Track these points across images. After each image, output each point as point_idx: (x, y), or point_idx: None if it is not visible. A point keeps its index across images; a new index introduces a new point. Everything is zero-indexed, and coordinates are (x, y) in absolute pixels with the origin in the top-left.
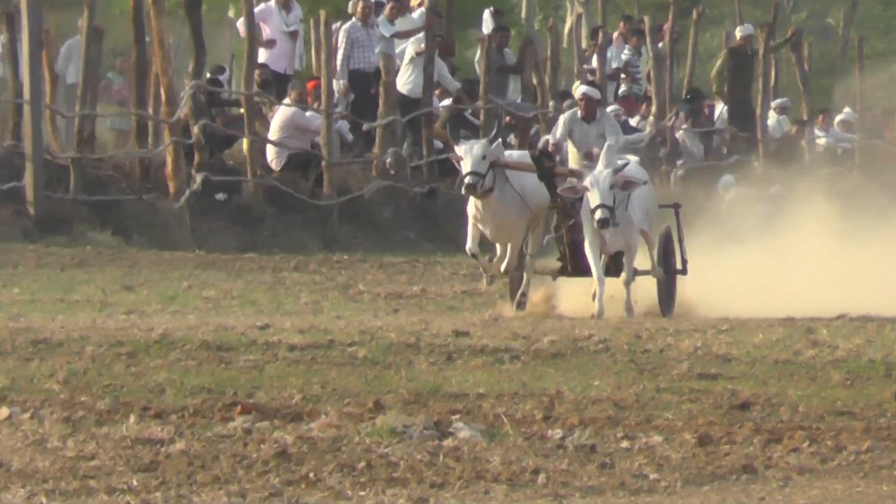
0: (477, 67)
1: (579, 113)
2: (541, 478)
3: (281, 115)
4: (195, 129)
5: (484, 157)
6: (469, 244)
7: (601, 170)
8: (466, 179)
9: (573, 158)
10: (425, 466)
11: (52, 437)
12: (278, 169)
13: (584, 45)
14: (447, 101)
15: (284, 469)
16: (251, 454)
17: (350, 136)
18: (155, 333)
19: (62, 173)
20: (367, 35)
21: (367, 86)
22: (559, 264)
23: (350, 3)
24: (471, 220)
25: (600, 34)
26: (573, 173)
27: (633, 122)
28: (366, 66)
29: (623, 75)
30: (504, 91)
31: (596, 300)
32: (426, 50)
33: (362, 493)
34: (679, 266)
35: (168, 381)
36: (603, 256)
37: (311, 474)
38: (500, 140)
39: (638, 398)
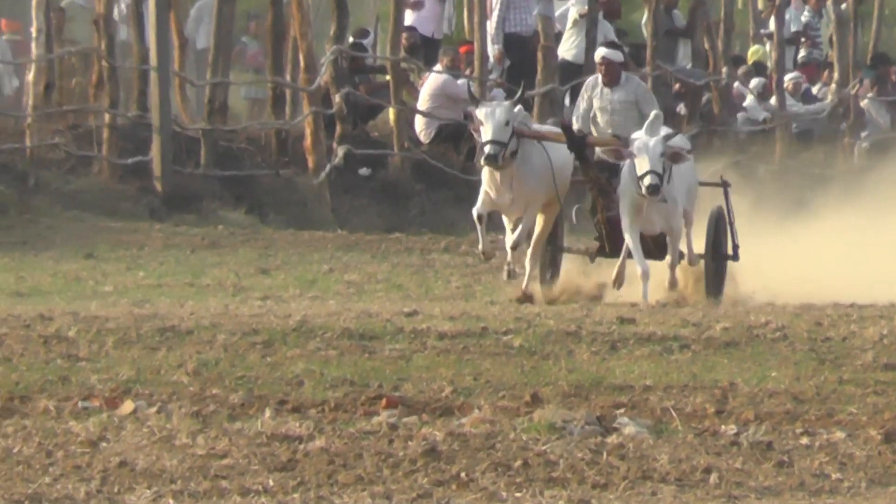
0: (643, 30)
1: (600, 78)
2: (713, 477)
3: (431, 82)
4: (337, 98)
5: (507, 123)
6: (478, 206)
7: (648, 138)
8: (487, 149)
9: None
10: (587, 465)
11: (180, 433)
12: (427, 141)
13: (760, 6)
14: None
15: (433, 468)
16: (397, 452)
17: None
18: (292, 321)
19: (192, 146)
20: None
21: (524, 50)
22: (597, 244)
23: None
24: (484, 185)
25: None
26: (618, 138)
27: (814, 89)
28: (523, 30)
29: (803, 39)
30: (673, 56)
31: (643, 297)
32: (589, 12)
33: (518, 495)
34: (730, 251)
35: (307, 372)
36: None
37: (463, 474)
38: (521, 105)
39: (818, 391)
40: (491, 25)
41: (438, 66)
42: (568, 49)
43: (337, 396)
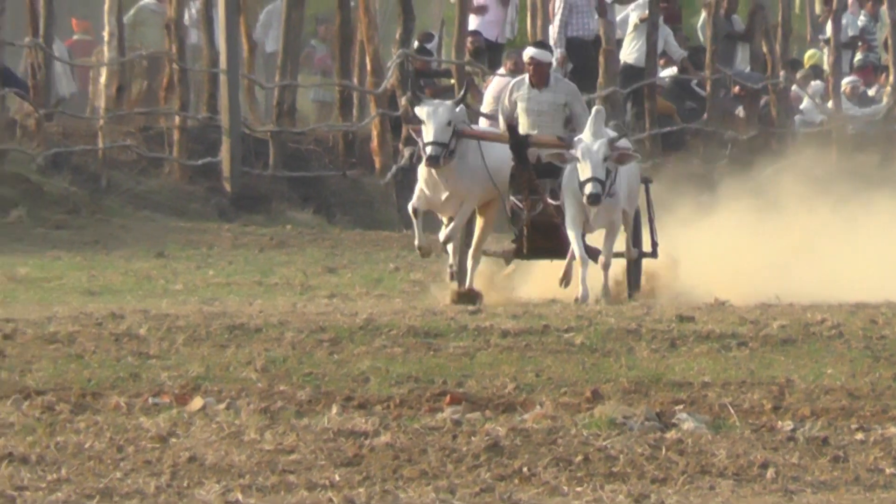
0: (700, 34)
1: (528, 78)
2: (769, 472)
3: (494, 85)
4: (402, 101)
5: (449, 123)
6: (414, 201)
7: (594, 140)
8: (428, 150)
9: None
10: (646, 460)
11: (248, 429)
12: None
13: (817, 11)
14: (670, 71)
15: (496, 463)
16: (461, 447)
17: None
18: (359, 319)
19: (260, 148)
20: (586, 0)
21: (586, 54)
22: (513, 246)
23: None
24: (420, 183)
25: None
26: (561, 139)
27: (870, 92)
28: (585, 34)
29: (859, 43)
30: (732, 60)
31: (580, 283)
32: (649, 16)
33: (579, 489)
34: (648, 248)
35: (373, 369)
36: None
37: (525, 469)
38: (463, 105)
39: (874, 387)
40: (553, 30)
41: (502, 70)
42: (629, 53)
43: (402, 393)
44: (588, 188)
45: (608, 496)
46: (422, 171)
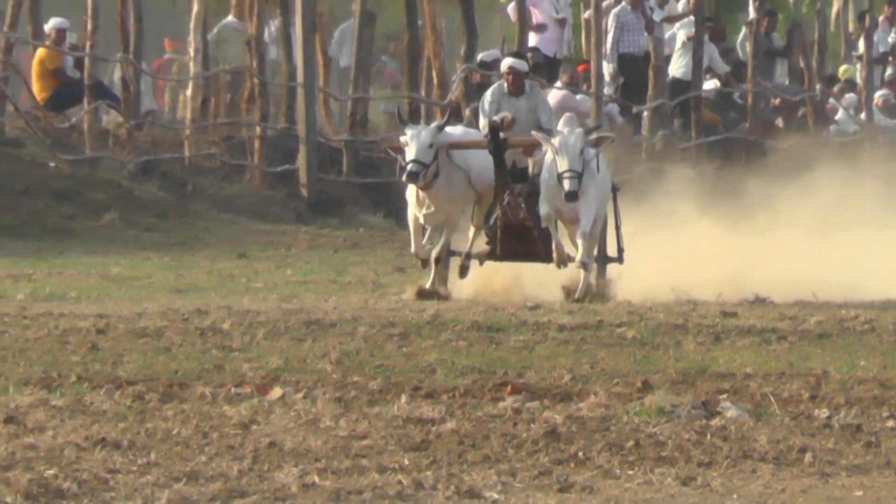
0: (739, 50)
1: (506, 87)
2: (807, 456)
3: (551, 98)
4: (466, 112)
5: (431, 146)
6: (413, 247)
7: (570, 131)
8: (409, 167)
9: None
10: (693, 445)
11: (324, 416)
12: None
13: (850, 28)
14: (715, 84)
15: (554, 448)
16: (521, 433)
17: (620, 119)
18: (426, 314)
19: (335, 156)
20: (636, 19)
21: (636, 69)
22: (487, 248)
23: None
24: (410, 205)
25: (867, 18)
26: (540, 130)
27: None
28: (635, 50)
29: (890, 59)
30: (771, 74)
31: (555, 249)
32: (696, 34)
33: (630, 472)
34: (614, 253)
35: (439, 361)
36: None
37: (580, 453)
38: (446, 127)
39: None
40: (606, 46)
41: (559, 83)
42: (677, 68)
43: (466, 383)
44: (566, 184)
45: (657, 478)
46: (411, 192)
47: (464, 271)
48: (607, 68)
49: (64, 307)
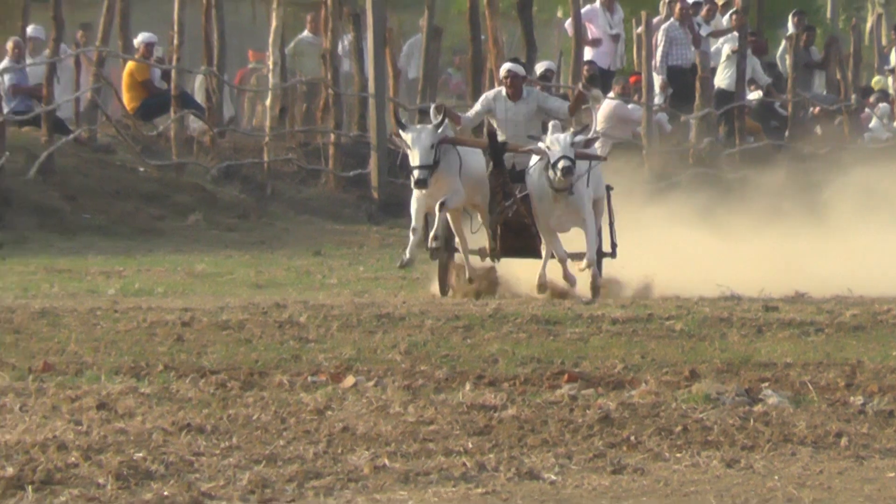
0: (780, 63)
1: (504, 91)
2: (843, 441)
3: (605, 107)
4: None
5: (432, 147)
6: (414, 222)
7: (558, 133)
8: (416, 174)
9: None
10: (737, 430)
11: (394, 403)
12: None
13: (883, 42)
14: (757, 94)
15: (607, 433)
16: (577, 419)
17: (669, 127)
18: (489, 308)
19: (404, 161)
20: (684, 34)
21: (684, 80)
22: (489, 245)
23: (662, 4)
24: (414, 193)
25: None
26: (533, 138)
27: None
28: (683, 63)
29: None
30: (810, 85)
31: (565, 276)
32: (739, 48)
33: (678, 455)
34: (608, 249)
35: (501, 351)
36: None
37: (632, 437)
38: (445, 125)
39: None
40: (656, 59)
41: (612, 93)
42: (722, 79)
43: (526, 372)
44: (560, 164)
45: (703, 461)
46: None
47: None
48: (657, 79)
49: (152, 301)
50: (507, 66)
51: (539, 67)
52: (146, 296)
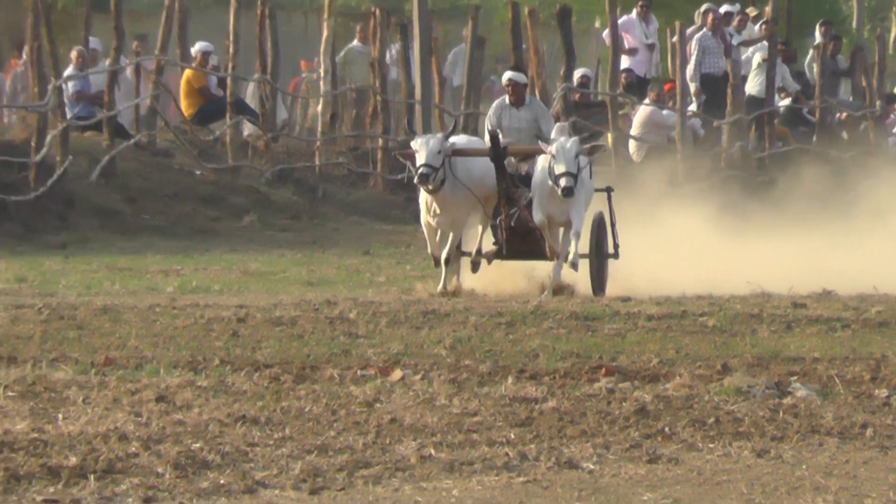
0: (808, 71)
1: (507, 99)
2: (868, 431)
3: (641, 113)
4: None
5: (439, 152)
6: (429, 248)
7: (566, 139)
8: (420, 170)
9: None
10: (767, 422)
11: (439, 395)
12: (638, 161)
13: None
14: (786, 101)
15: (643, 424)
16: (614, 411)
17: (702, 132)
18: (530, 305)
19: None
20: (716, 43)
21: (716, 88)
22: (494, 248)
23: (696, 14)
24: (423, 215)
25: None
26: (539, 147)
27: None
28: (715, 71)
29: None
30: (836, 92)
31: (553, 271)
32: (769, 57)
33: (711, 445)
34: (611, 250)
35: (541, 346)
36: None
37: (667, 428)
38: (452, 137)
39: None
40: (690, 68)
41: (647, 100)
42: (752, 86)
43: (565, 366)
44: (563, 181)
45: (735, 451)
46: (422, 195)
47: (475, 267)
48: (691, 87)
49: (209, 299)
50: (508, 74)
51: (576, 74)
52: (203, 293)
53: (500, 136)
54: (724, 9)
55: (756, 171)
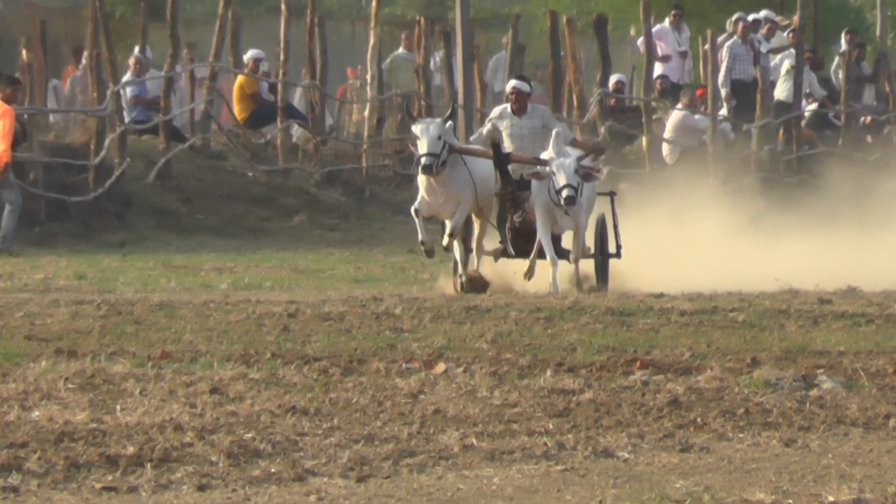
0: (833, 77)
1: (510, 107)
2: (891, 422)
3: (673, 117)
4: (602, 129)
5: (439, 138)
6: (416, 204)
7: (564, 157)
8: (423, 160)
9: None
10: (794, 412)
11: (481, 388)
12: (671, 163)
13: None
14: (813, 106)
15: (676, 415)
16: (648, 402)
17: (732, 135)
18: (568, 301)
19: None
20: (746, 51)
21: (746, 93)
22: (501, 247)
23: (728, 22)
24: (421, 191)
25: None
26: (539, 161)
27: None
28: (745, 77)
29: None
30: (861, 97)
31: (552, 281)
32: (797, 64)
33: (741, 435)
34: (613, 250)
35: (578, 340)
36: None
37: (699, 419)
38: (452, 122)
39: None
40: (721, 74)
41: (680, 105)
42: (781, 92)
43: (602, 359)
44: (564, 193)
45: (764, 441)
46: (421, 179)
47: (476, 285)
48: (722, 92)
49: (260, 295)
50: (512, 83)
51: (612, 80)
52: (255, 290)
53: (504, 143)
54: (752, 17)
55: (784, 172)
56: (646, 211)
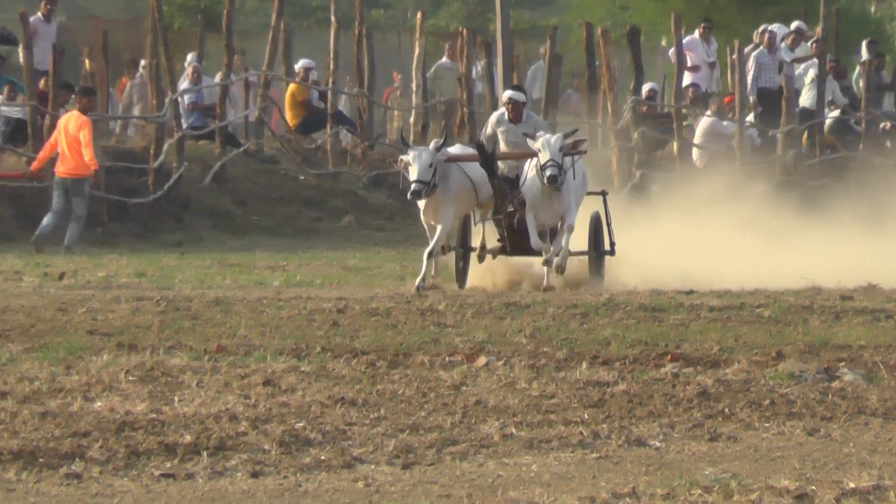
0: (854, 85)
1: (507, 115)
2: None
3: (703, 124)
4: (635, 135)
5: (430, 165)
6: (431, 247)
7: (550, 135)
8: (413, 187)
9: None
10: (817, 403)
11: (520, 380)
12: (701, 167)
13: None
14: (836, 113)
15: (705, 406)
16: (678, 393)
17: (758, 141)
18: (603, 298)
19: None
20: (772, 60)
21: (772, 100)
22: (499, 245)
23: (755, 33)
24: (422, 216)
25: None
26: (522, 155)
27: None
28: (771, 85)
29: None
30: (880, 104)
31: (546, 275)
32: (820, 73)
33: (767, 425)
34: (608, 248)
35: (613, 335)
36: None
37: (726, 409)
38: (446, 148)
39: None
40: (748, 83)
41: (708, 112)
42: (805, 99)
43: (635, 353)
44: (547, 171)
45: (788, 430)
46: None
47: (480, 259)
48: (748, 100)
49: (311, 292)
50: (508, 93)
51: (644, 88)
52: (306, 287)
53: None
54: (774, 27)
55: (808, 176)
56: (676, 211)
